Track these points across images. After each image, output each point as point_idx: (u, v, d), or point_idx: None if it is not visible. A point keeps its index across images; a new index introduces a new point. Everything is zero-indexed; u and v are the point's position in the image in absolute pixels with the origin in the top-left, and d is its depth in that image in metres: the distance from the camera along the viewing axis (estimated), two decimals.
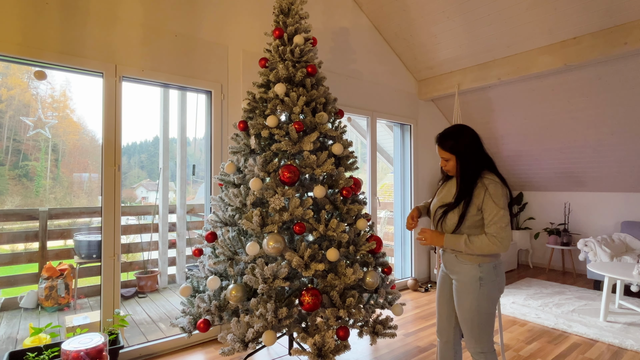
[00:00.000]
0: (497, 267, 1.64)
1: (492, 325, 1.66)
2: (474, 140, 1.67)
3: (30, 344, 2.28)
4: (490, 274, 1.62)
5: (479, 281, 1.61)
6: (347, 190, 2.24)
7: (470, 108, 4.71)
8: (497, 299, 1.65)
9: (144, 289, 4.31)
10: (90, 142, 5.92)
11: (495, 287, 1.63)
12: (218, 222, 2.33)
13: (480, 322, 1.63)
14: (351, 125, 6.34)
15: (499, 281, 1.64)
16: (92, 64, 2.46)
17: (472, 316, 1.63)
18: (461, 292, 1.67)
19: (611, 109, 3.78)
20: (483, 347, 1.66)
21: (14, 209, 4.80)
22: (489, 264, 1.62)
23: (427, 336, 3.02)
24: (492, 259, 1.64)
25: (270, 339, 1.88)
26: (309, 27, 2.52)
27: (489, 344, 1.66)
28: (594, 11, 3.07)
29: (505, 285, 3.63)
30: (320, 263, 2.03)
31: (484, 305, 1.61)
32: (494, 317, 1.66)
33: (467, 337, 1.69)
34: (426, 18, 3.81)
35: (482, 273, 1.62)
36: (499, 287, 1.64)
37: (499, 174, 1.66)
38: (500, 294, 1.66)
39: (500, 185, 1.59)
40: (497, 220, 1.55)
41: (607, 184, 4.71)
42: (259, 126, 2.27)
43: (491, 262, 1.63)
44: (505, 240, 1.55)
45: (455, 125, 1.71)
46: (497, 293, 1.64)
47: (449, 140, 1.67)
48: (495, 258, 1.65)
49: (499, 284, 1.64)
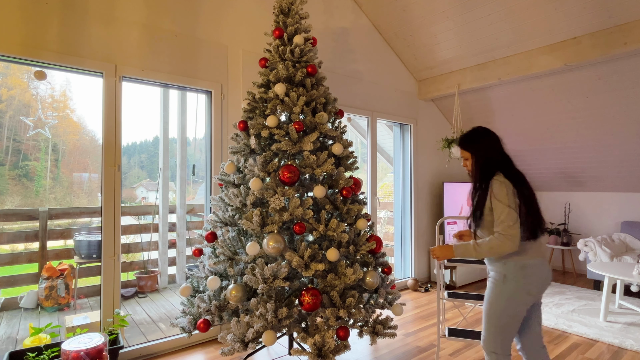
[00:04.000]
0: (527, 268, 1.57)
1: (512, 329, 1.59)
2: (491, 141, 1.70)
3: (30, 344, 2.28)
4: (515, 273, 1.57)
5: (503, 279, 1.60)
6: (347, 190, 2.24)
7: (470, 108, 4.71)
8: (524, 302, 1.56)
9: (144, 289, 4.31)
10: (90, 142, 5.92)
11: (521, 288, 1.56)
12: (218, 222, 2.33)
13: (498, 321, 1.60)
14: (351, 125, 6.34)
15: (527, 283, 1.56)
16: (92, 64, 2.46)
17: (490, 313, 1.62)
18: (488, 287, 1.68)
19: (611, 109, 3.78)
20: (496, 347, 1.62)
21: (14, 209, 4.80)
22: (515, 262, 1.58)
23: (427, 336, 3.02)
24: (519, 258, 1.58)
25: (270, 339, 1.88)
26: (309, 27, 2.52)
27: (503, 346, 1.61)
28: (594, 11, 3.07)
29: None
30: (320, 263, 2.03)
31: (503, 305, 1.58)
32: (516, 321, 1.58)
33: (483, 331, 1.67)
34: (426, 18, 3.81)
35: (506, 271, 1.60)
36: (527, 289, 1.56)
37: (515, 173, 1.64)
38: (532, 297, 1.56)
39: (504, 184, 1.58)
40: (504, 218, 1.54)
41: (607, 184, 4.71)
42: (259, 126, 2.27)
43: (519, 260, 1.58)
44: (514, 238, 1.52)
45: (476, 127, 1.77)
46: (524, 295, 1.56)
47: (467, 140, 1.74)
48: (524, 257, 1.58)
49: (527, 286, 1.56)
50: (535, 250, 1.59)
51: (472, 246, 1.63)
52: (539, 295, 1.59)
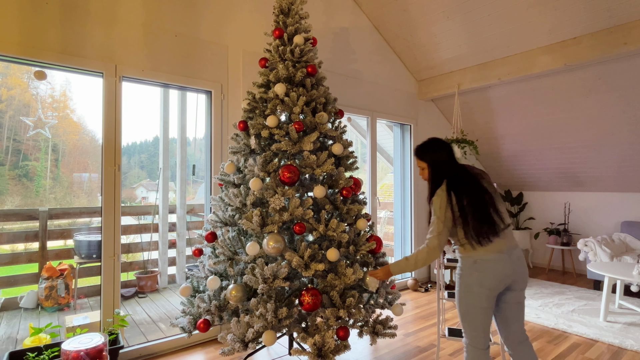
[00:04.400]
0: (479, 263, 1.68)
1: (476, 321, 1.70)
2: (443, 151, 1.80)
3: (30, 344, 2.28)
4: (469, 268, 1.70)
5: (461, 273, 1.74)
6: (347, 190, 2.24)
7: (470, 108, 4.71)
8: (479, 294, 1.67)
9: (144, 289, 4.31)
10: (90, 142, 5.91)
11: (474, 281, 1.68)
12: (218, 222, 2.33)
13: (461, 313, 1.74)
14: (351, 125, 6.33)
15: (480, 277, 1.67)
16: (92, 64, 2.46)
17: (457, 305, 1.75)
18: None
19: (611, 109, 3.78)
20: (467, 338, 1.76)
21: (14, 209, 4.80)
22: (468, 258, 1.71)
23: (427, 336, 3.02)
24: (471, 254, 1.69)
25: (270, 339, 1.88)
26: (309, 27, 2.52)
27: (472, 338, 1.73)
28: (594, 11, 3.07)
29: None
30: (320, 263, 2.03)
31: (462, 297, 1.72)
32: (478, 312, 1.69)
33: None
34: (426, 18, 3.81)
35: (462, 266, 1.73)
36: (480, 282, 1.66)
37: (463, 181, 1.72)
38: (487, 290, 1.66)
39: (440, 197, 1.70)
40: (431, 229, 1.71)
41: (607, 184, 4.71)
42: (259, 126, 2.27)
43: (471, 257, 1.70)
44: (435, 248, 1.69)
45: (430, 138, 1.88)
46: (477, 288, 1.67)
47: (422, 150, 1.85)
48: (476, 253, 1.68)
49: (480, 279, 1.67)
50: (491, 247, 1.67)
51: (403, 262, 1.82)
52: (496, 288, 1.67)
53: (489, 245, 1.67)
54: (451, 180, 1.73)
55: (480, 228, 1.65)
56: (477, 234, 1.65)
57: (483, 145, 5.20)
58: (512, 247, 1.71)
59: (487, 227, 1.65)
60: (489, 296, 1.67)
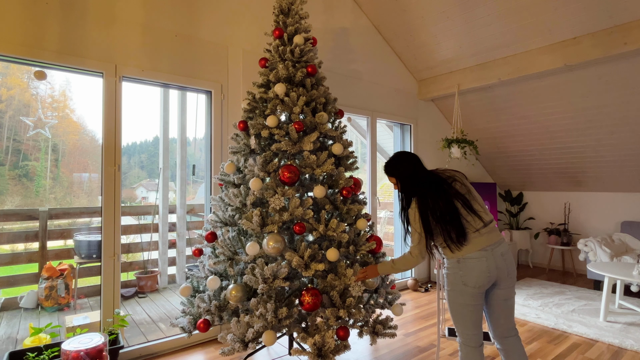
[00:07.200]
0: (462, 262, 1.74)
1: (464, 318, 1.75)
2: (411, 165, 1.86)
3: (30, 344, 2.28)
4: (453, 267, 1.77)
5: (447, 272, 1.80)
6: (347, 190, 2.24)
7: (470, 108, 4.71)
8: (464, 292, 1.73)
9: (144, 289, 4.31)
10: (90, 142, 5.91)
11: (459, 279, 1.74)
12: (218, 222, 2.33)
13: (451, 311, 1.81)
14: (351, 125, 6.33)
15: (463, 275, 1.73)
16: (92, 64, 2.46)
17: (448, 305, 1.82)
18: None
19: (611, 109, 3.78)
20: (459, 336, 1.81)
21: (14, 209, 4.80)
22: (452, 258, 1.78)
23: (427, 336, 3.02)
24: (455, 254, 1.75)
25: (270, 339, 1.88)
26: (309, 27, 2.52)
27: (462, 335, 1.78)
28: (594, 11, 3.07)
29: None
30: (320, 263, 2.03)
31: (449, 294, 1.79)
32: (466, 309, 1.74)
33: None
34: (426, 18, 3.81)
35: (448, 265, 1.80)
36: (463, 280, 1.72)
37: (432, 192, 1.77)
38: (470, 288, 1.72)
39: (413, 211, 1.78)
40: (412, 240, 1.83)
41: (607, 184, 4.71)
42: (259, 126, 2.27)
43: (454, 256, 1.76)
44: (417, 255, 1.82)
45: (397, 152, 1.96)
46: (461, 286, 1.73)
47: (391, 167, 1.93)
48: (459, 253, 1.74)
49: (463, 277, 1.73)
50: (472, 245, 1.72)
51: (390, 264, 1.97)
52: (481, 286, 1.71)
53: (468, 245, 1.72)
54: (420, 193, 1.80)
55: (449, 235, 1.72)
56: (446, 241, 1.74)
57: (483, 145, 5.20)
58: (494, 244, 1.74)
59: (455, 234, 1.72)
60: (474, 294, 1.72)
